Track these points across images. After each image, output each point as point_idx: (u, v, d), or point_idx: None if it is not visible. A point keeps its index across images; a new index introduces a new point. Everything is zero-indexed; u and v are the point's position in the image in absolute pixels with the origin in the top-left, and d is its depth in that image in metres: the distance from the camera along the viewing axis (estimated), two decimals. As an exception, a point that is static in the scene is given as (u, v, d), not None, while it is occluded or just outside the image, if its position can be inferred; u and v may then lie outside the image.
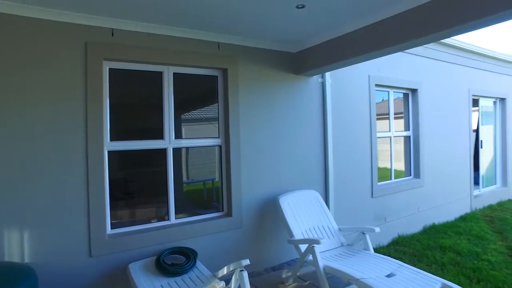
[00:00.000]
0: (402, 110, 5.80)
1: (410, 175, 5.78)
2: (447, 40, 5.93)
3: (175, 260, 2.97)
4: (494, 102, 7.87)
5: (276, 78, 3.95)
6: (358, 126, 4.80)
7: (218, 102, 3.68)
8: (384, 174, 5.42)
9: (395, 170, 5.60)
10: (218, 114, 3.68)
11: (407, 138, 5.79)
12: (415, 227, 5.57)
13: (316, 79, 4.29)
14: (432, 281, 2.66)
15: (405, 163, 5.82)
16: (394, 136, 5.56)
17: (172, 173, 3.37)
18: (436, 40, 2.94)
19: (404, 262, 3.19)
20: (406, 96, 5.76)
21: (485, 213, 6.62)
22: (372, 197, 4.91)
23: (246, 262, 2.49)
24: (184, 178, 3.67)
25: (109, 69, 3.06)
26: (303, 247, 3.15)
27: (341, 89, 4.56)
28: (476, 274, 3.84)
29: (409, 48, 3.22)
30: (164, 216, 3.37)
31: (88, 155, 2.83)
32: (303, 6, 2.79)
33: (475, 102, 7.29)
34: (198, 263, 2.94)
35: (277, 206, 3.55)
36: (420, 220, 5.68)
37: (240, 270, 2.51)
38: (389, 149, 5.53)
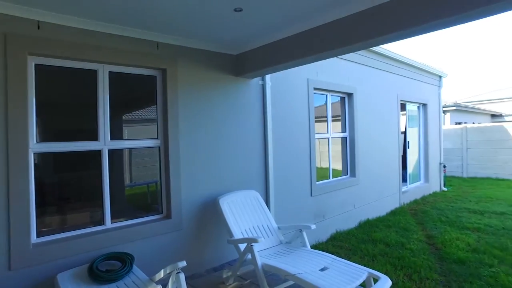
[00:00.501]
0: (340, 113, 6.18)
1: (347, 174, 6.16)
2: (377, 49, 6.45)
3: (110, 267, 2.84)
4: (418, 107, 8.73)
5: (217, 79, 3.97)
6: (298, 127, 4.99)
7: (156, 103, 3.60)
8: (324, 173, 5.72)
9: (334, 170, 5.94)
10: (156, 114, 3.60)
11: (344, 139, 6.17)
12: (351, 223, 5.95)
13: (256, 81, 4.39)
14: (360, 272, 2.87)
15: (342, 162, 6.20)
16: (332, 138, 5.89)
17: (107, 175, 3.22)
18: (363, 48, 3.20)
19: (340, 256, 3.42)
20: (343, 99, 6.15)
21: (411, 207, 7.34)
22: (311, 196, 5.15)
23: (183, 264, 2.48)
24: (127, 181, 3.53)
25: (36, 65, 2.84)
26: (243, 247, 3.21)
27: (281, 92, 4.71)
28: (400, 262, 4.25)
29: (341, 54, 3.45)
30: (100, 221, 3.21)
31: (9, 158, 2.59)
32: (241, 10, 2.85)
33: (403, 107, 8.04)
34: (135, 268, 2.84)
35: (217, 207, 3.57)
36: (356, 216, 6.09)
37: (177, 273, 2.49)
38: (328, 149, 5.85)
